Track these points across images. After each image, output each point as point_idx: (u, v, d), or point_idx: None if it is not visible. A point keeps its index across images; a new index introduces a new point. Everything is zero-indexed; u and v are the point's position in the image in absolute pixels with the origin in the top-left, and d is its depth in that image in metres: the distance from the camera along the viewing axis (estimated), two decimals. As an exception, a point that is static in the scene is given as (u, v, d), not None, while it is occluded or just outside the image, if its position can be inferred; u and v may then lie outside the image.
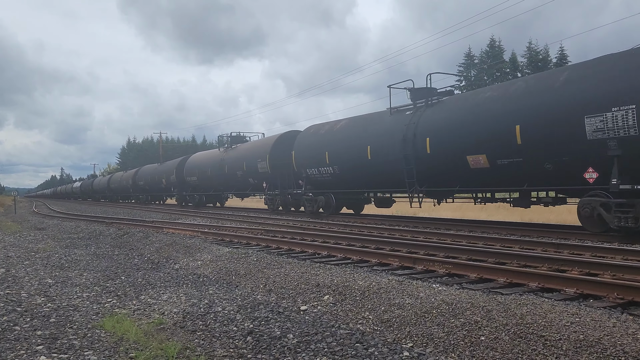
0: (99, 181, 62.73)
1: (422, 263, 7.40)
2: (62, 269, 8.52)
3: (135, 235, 13.06)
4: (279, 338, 4.43)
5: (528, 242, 9.36)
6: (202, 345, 4.35)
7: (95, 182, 63.86)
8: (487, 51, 57.45)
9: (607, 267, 6.33)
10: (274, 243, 10.55)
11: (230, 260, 8.32)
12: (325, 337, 4.38)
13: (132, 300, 6.10)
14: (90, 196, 65.35)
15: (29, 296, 6.31)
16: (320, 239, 10.92)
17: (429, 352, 3.99)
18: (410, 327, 4.47)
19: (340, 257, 8.61)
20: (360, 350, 4.06)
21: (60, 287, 6.89)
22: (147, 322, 5.08)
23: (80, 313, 5.48)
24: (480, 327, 4.21)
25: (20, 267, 8.59)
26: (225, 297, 6.07)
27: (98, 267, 8.67)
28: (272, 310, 5.37)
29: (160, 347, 4.26)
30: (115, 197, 53.21)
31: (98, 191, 60.24)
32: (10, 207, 39.18)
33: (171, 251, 10.11)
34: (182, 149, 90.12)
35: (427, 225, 14.12)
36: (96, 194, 61.42)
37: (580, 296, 5.39)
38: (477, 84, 54.83)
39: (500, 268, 6.53)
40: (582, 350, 3.64)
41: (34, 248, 11.39)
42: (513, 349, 3.81)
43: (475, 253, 7.91)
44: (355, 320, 4.86)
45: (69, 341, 4.46)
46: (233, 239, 11.69)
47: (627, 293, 5.13)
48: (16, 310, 5.56)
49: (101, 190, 58.47)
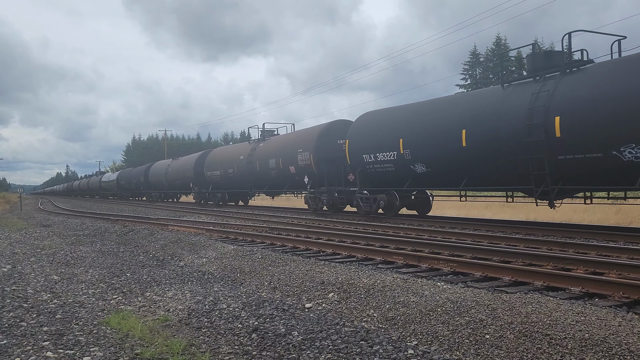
0: (93, 180, 62.02)
1: (427, 261, 7.40)
2: (68, 265, 8.57)
3: (140, 232, 13.11)
4: (283, 335, 4.43)
5: (533, 241, 9.33)
6: (207, 342, 4.36)
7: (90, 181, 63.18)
8: (492, 49, 57.26)
9: (612, 266, 6.31)
10: (279, 241, 10.57)
11: (235, 258, 8.34)
12: (330, 335, 4.39)
13: (138, 297, 6.12)
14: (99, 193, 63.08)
15: (35, 292, 6.35)
16: (325, 237, 10.93)
17: (434, 350, 3.99)
18: (415, 325, 4.47)
19: (344, 255, 8.62)
20: (365, 347, 4.06)
21: (66, 284, 6.92)
22: (153, 319, 5.10)
23: (86, 309, 5.51)
24: (485, 326, 4.21)
25: (26, 264, 8.64)
26: (230, 294, 6.08)
27: (103, 264, 8.70)
28: (276, 307, 5.38)
29: (165, 343, 4.27)
30: (125, 195, 51.15)
31: (94, 189, 59.37)
32: (16, 204, 39.38)
33: (176, 248, 10.14)
34: (187, 146, 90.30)
35: (432, 223, 14.10)
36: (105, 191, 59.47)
37: (585, 295, 5.38)
38: (482, 83, 54.66)
39: (505, 266, 6.52)
40: (587, 349, 3.63)
41: (40, 245, 11.44)
42: (518, 347, 3.81)
43: (480, 251, 7.90)
44: (360, 318, 4.87)
45: (75, 337, 4.49)
46: (238, 236, 11.71)
47: (633, 292, 5.12)
48: (23, 307, 5.59)
49: (95, 189, 57.78)
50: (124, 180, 49.19)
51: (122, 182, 49.91)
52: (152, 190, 42.50)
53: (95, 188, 63.47)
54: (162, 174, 38.62)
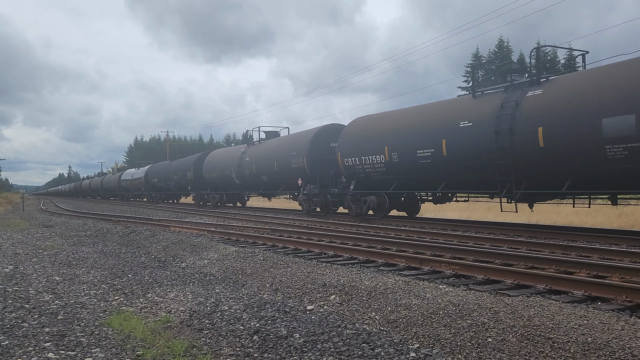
0: (109, 178, 57.06)
1: (429, 264, 7.38)
2: (70, 266, 8.57)
3: (142, 233, 13.11)
4: (285, 337, 4.43)
5: (535, 244, 9.31)
6: (208, 344, 4.36)
7: (105, 180, 57.98)
8: (495, 52, 57.20)
9: (615, 270, 6.29)
10: (281, 242, 10.56)
11: (237, 259, 8.34)
12: (331, 337, 4.38)
13: (139, 298, 6.12)
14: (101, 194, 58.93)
15: (37, 293, 6.35)
16: (327, 238, 10.92)
17: (436, 353, 3.97)
18: (416, 328, 4.46)
19: (346, 257, 8.61)
20: (367, 350, 4.05)
21: (68, 285, 6.93)
22: (154, 320, 5.10)
23: (88, 310, 5.51)
24: (487, 329, 4.20)
25: (28, 264, 8.65)
26: (231, 296, 6.08)
27: (105, 264, 8.71)
28: (278, 309, 5.37)
29: (167, 345, 4.27)
30: (127, 196, 48.04)
31: (109, 189, 54.71)
32: (19, 205, 39.44)
33: (178, 250, 10.14)
34: (189, 147, 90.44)
35: (434, 226, 14.09)
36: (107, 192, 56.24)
37: (588, 298, 5.36)
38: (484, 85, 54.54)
39: (507, 269, 6.50)
40: (590, 353, 3.62)
41: (42, 245, 11.46)
42: (520, 351, 3.79)
43: (482, 254, 7.88)
44: (362, 321, 4.86)
45: (77, 338, 4.48)
46: (239, 237, 11.71)
47: (636, 296, 5.10)
48: (24, 307, 5.59)
49: (112, 188, 52.94)
50: (157, 177, 39.70)
51: (153, 180, 40.41)
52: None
53: (112, 188, 54.45)
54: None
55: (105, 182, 58.39)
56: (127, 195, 49.01)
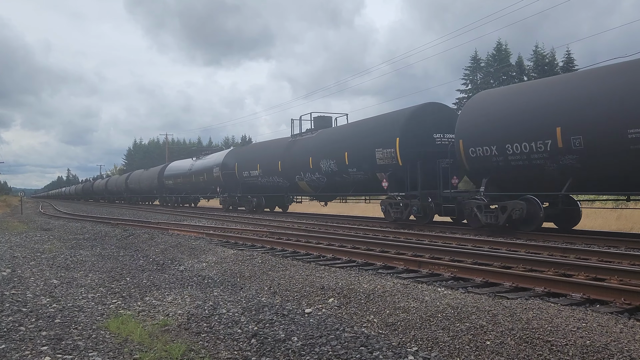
0: (115, 180, 53.44)
1: (428, 266, 7.38)
2: (68, 269, 8.55)
3: (140, 236, 13.09)
4: (283, 341, 4.41)
5: (534, 246, 9.31)
6: (206, 347, 4.34)
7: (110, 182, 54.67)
8: (493, 54, 57.31)
9: (614, 272, 6.28)
10: (279, 245, 10.55)
11: (235, 262, 8.32)
12: (329, 340, 4.37)
13: (137, 302, 6.10)
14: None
15: (35, 297, 6.33)
16: (325, 241, 10.90)
17: (434, 356, 3.96)
18: (415, 331, 4.45)
19: (345, 259, 8.59)
20: (365, 353, 4.04)
21: (66, 288, 6.91)
22: (152, 324, 5.08)
23: (85, 314, 5.49)
24: (485, 332, 4.19)
25: (26, 268, 8.62)
26: (229, 299, 6.06)
27: (103, 268, 8.69)
28: (276, 312, 5.36)
29: (164, 348, 4.25)
30: (135, 199, 44.24)
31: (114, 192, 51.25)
32: (17, 208, 39.38)
33: (176, 253, 10.12)
34: (188, 150, 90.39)
35: (433, 228, 14.08)
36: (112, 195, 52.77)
37: (586, 301, 5.36)
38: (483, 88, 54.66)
39: (506, 272, 6.50)
40: (588, 356, 3.61)
41: (40, 248, 11.43)
42: (519, 353, 3.78)
43: (480, 257, 7.88)
44: (360, 324, 4.84)
45: (74, 342, 4.47)
46: (238, 240, 11.69)
47: (635, 298, 5.10)
48: (22, 311, 5.57)
49: (118, 191, 49.27)
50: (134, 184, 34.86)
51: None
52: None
53: (139, 190, 42.86)
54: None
55: (131, 182, 45.29)
56: (169, 199, 37.86)
